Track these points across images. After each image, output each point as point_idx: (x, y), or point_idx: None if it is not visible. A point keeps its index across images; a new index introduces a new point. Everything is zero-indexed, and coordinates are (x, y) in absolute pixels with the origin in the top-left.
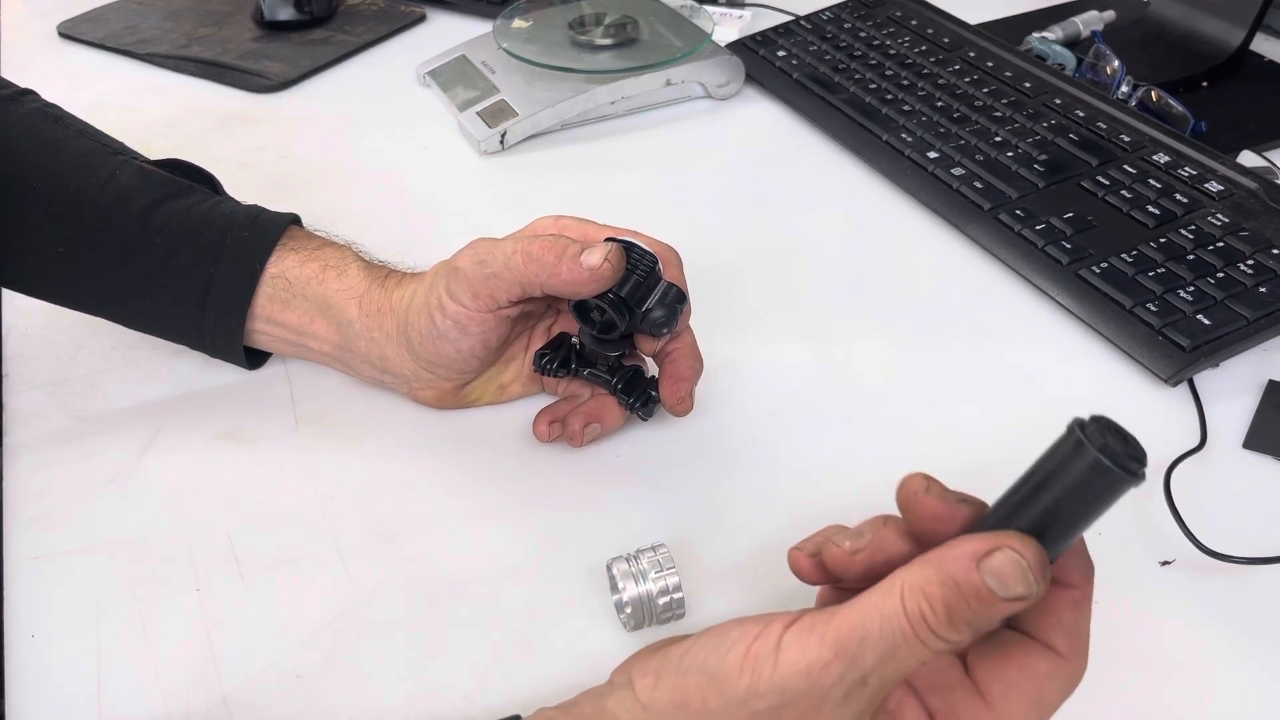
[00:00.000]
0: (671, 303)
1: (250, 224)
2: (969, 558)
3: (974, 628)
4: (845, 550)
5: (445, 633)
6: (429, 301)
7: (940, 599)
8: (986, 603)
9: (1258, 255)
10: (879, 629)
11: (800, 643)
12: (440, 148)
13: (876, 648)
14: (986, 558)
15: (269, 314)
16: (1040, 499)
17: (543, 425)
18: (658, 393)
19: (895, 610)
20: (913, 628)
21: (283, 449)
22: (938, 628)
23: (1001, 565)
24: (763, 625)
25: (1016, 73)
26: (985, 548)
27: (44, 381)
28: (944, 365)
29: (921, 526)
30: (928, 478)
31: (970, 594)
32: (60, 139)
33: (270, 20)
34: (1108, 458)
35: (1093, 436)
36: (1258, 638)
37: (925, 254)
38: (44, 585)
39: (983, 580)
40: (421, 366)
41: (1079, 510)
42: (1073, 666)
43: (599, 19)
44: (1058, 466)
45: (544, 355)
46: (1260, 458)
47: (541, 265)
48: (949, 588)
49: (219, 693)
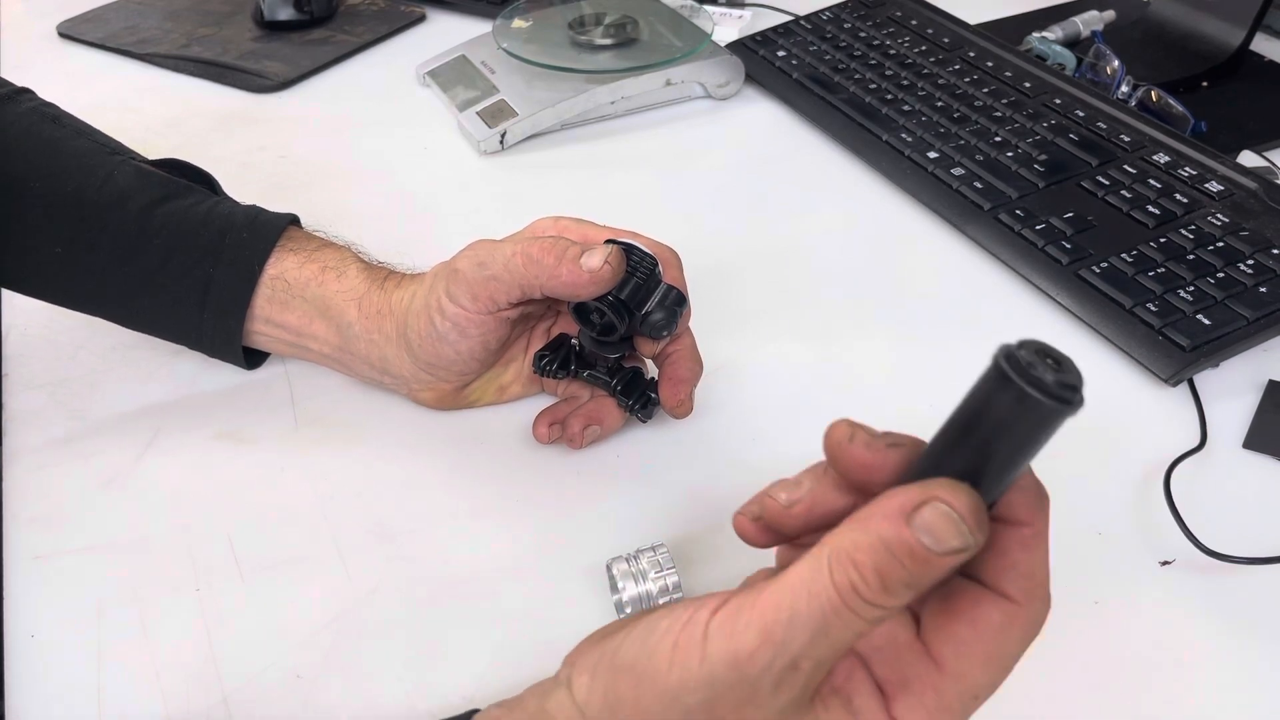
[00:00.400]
0: (671, 305)
1: (249, 225)
2: (897, 514)
3: (913, 589)
4: (781, 503)
5: (445, 633)
6: (428, 303)
7: (870, 565)
8: (922, 561)
9: (1258, 255)
10: (806, 607)
11: (725, 630)
12: (440, 148)
13: (806, 628)
14: (915, 512)
15: (268, 315)
16: (970, 439)
17: (542, 427)
18: (657, 394)
19: (824, 584)
20: (843, 600)
21: (283, 449)
22: (871, 596)
23: (932, 519)
24: (691, 611)
25: (1016, 73)
26: (913, 501)
27: (44, 381)
28: (944, 365)
29: (853, 477)
30: (852, 424)
31: (903, 554)
32: (58, 139)
33: (270, 20)
34: (1036, 389)
35: (1020, 366)
36: (1258, 638)
37: (925, 254)
38: (44, 585)
39: (915, 537)
40: (421, 368)
41: (1013, 447)
42: (1029, 612)
43: (599, 19)
44: (984, 402)
45: (543, 356)
46: (1260, 458)
47: (541, 267)
48: (878, 551)
49: (219, 693)
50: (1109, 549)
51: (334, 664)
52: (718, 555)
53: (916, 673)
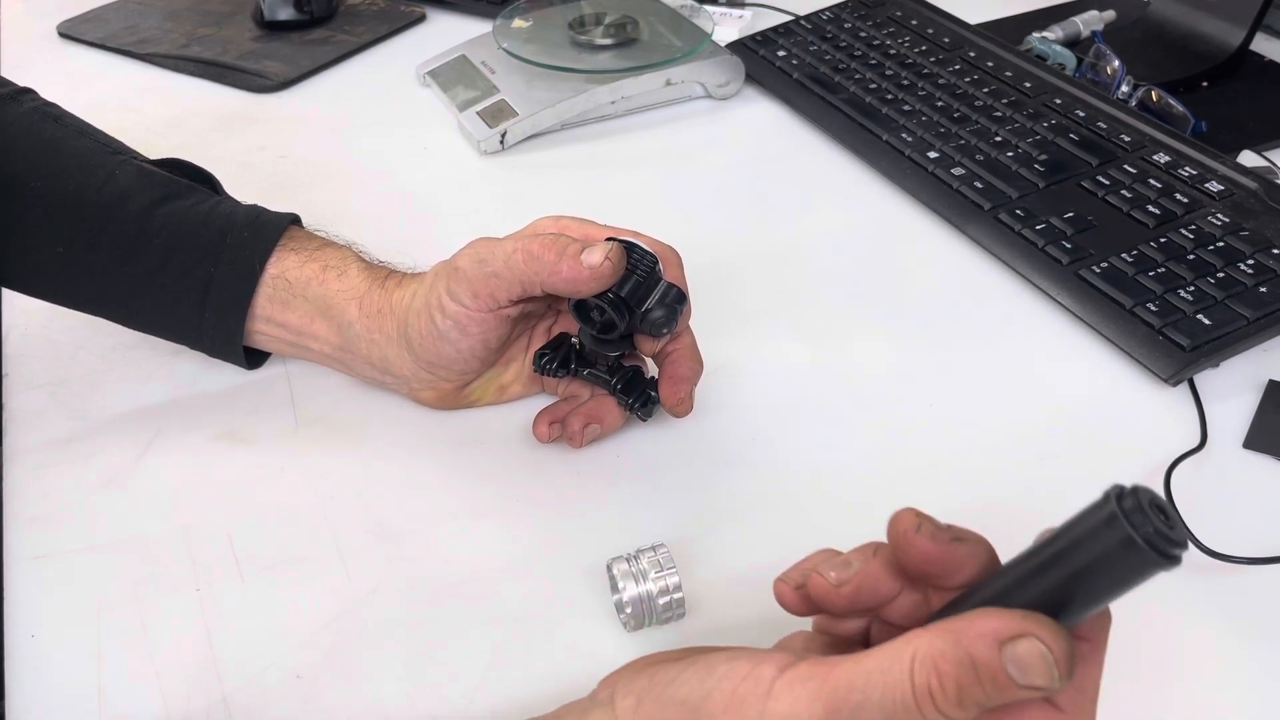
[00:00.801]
0: (671, 303)
1: (250, 224)
2: (992, 639)
3: (983, 708)
4: (830, 582)
5: (445, 633)
6: (429, 302)
7: (953, 677)
8: (1002, 688)
9: (1258, 255)
10: (880, 696)
11: (792, 694)
12: (440, 148)
13: (873, 716)
14: (1011, 643)
15: (269, 314)
16: (1063, 571)
17: (543, 426)
18: (657, 393)
19: (901, 680)
20: (917, 702)
21: (283, 449)
22: (945, 707)
23: (1026, 654)
24: (753, 665)
25: (1017, 73)
26: (1011, 630)
27: (44, 381)
28: (944, 365)
29: (914, 568)
30: (919, 515)
31: (987, 677)
32: (59, 138)
33: (270, 20)
34: (1144, 539)
35: (1130, 511)
36: (1258, 638)
37: (925, 254)
38: (44, 585)
39: (1003, 666)
40: (422, 367)
41: (1104, 589)
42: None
43: (599, 19)
44: (1088, 539)
45: (544, 355)
46: (1260, 458)
47: (542, 264)
48: (965, 667)
49: (219, 693)
50: None
51: (334, 664)
52: (718, 555)
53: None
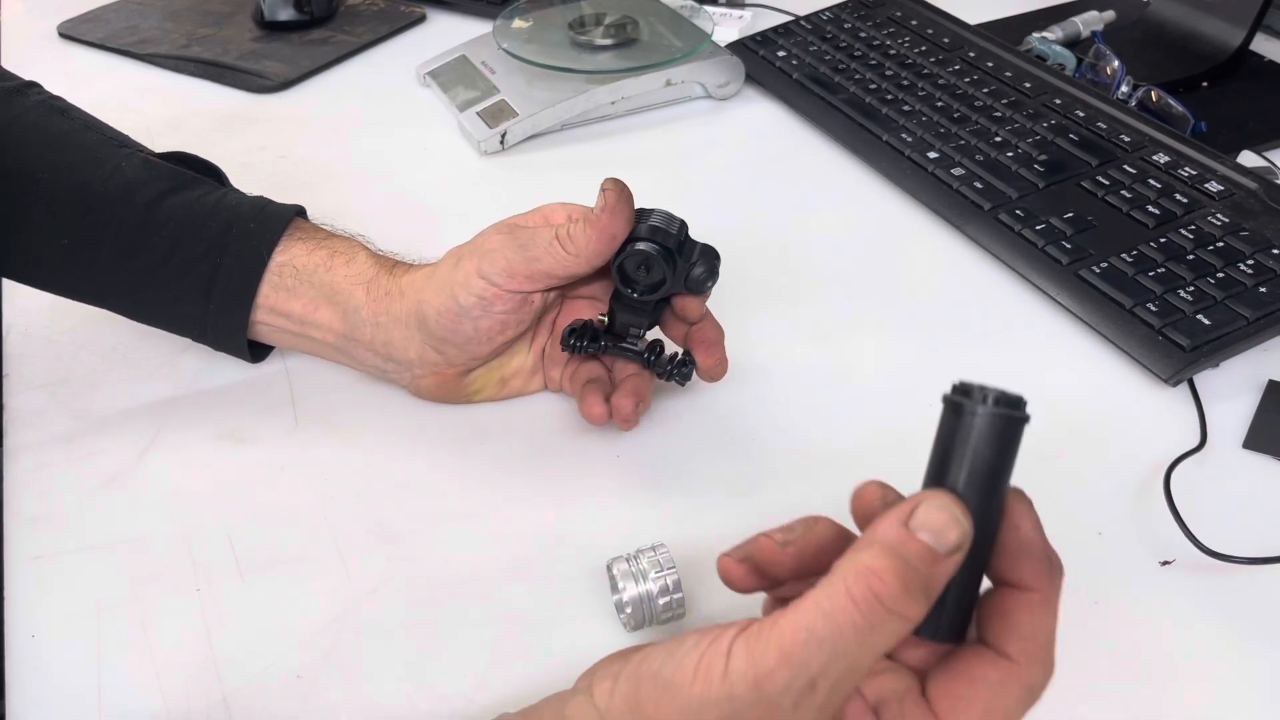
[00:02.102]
0: (710, 259)
1: (256, 215)
2: (896, 524)
3: (927, 595)
4: (776, 542)
5: (445, 633)
6: (453, 279)
7: (891, 570)
8: (929, 560)
9: (1258, 255)
10: (824, 626)
11: (747, 650)
12: (440, 148)
13: (823, 648)
14: (910, 519)
15: (273, 303)
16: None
17: (598, 407)
18: (689, 358)
19: (841, 603)
20: (863, 614)
21: (283, 449)
22: (892, 602)
23: (927, 518)
24: (717, 633)
25: (1016, 73)
26: (905, 510)
27: (44, 381)
28: (944, 365)
29: None
30: (884, 487)
31: (914, 556)
32: (66, 131)
33: (270, 20)
34: (989, 407)
35: (966, 397)
36: (1258, 638)
37: (925, 254)
38: (44, 585)
39: (919, 540)
40: (432, 346)
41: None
42: (1029, 674)
43: (599, 19)
44: (949, 435)
45: (571, 335)
46: (1260, 458)
47: (583, 239)
48: (890, 558)
49: (219, 693)
50: (1109, 549)
51: (334, 664)
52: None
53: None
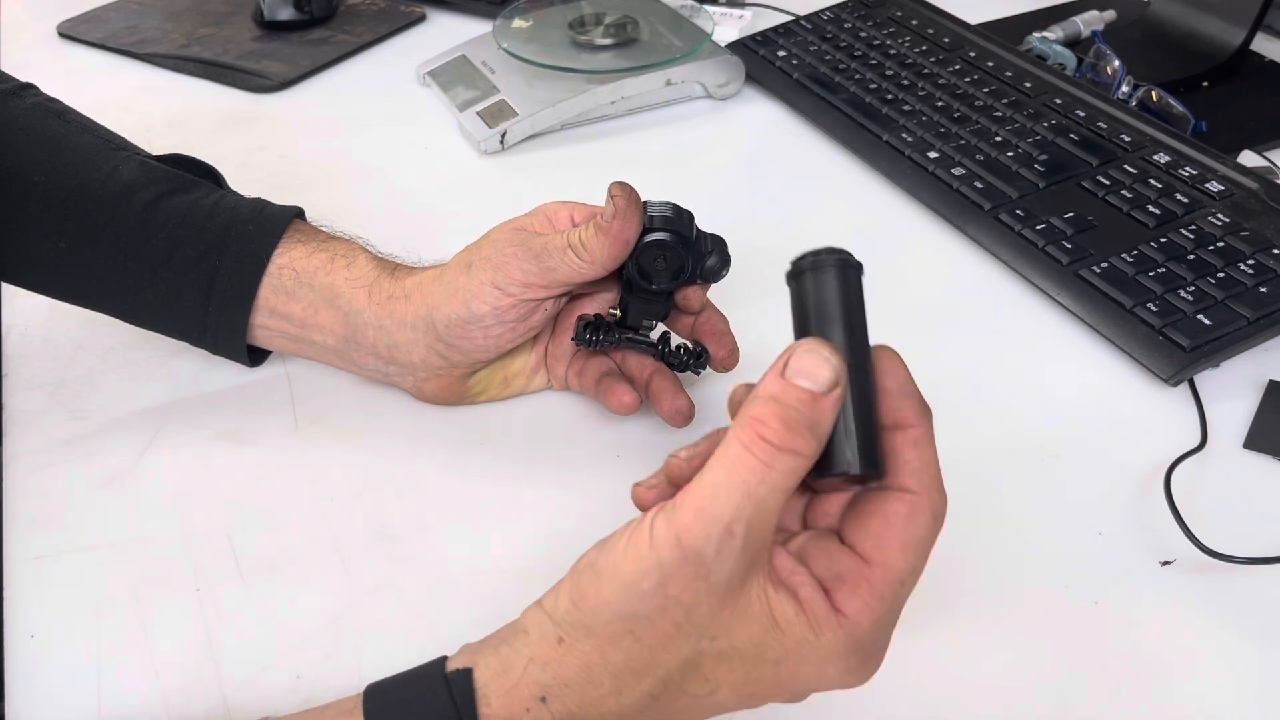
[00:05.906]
0: (722, 250)
1: (255, 217)
2: (775, 376)
3: (813, 431)
4: (682, 459)
5: (445, 633)
6: (465, 288)
7: (772, 414)
8: (811, 401)
9: (1258, 255)
10: (726, 476)
11: (665, 519)
12: (440, 148)
13: (731, 494)
14: (786, 370)
15: (273, 307)
16: (807, 328)
17: (627, 397)
18: (701, 348)
19: (735, 452)
20: (756, 456)
21: (283, 449)
22: (781, 439)
23: (799, 363)
24: (639, 517)
25: (1017, 73)
26: (780, 364)
27: (44, 381)
28: (944, 365)
29: None
30: (749, 386)
31: (795, 400)
32: (62, 134)
33: (270, 20)
34: (819, 262)
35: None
36: (1258, 638)
37: (925, 254)
38: (44, 585)
39: (797, 384)
40: (438, 352)
41: (835, 308)
42: (929, 500)
43: (599, 19)
44: (800, 300)
45: (586, 329)
46: (1260, 458)
47: (597, 245)
48: (774, 404)
49: (219, 693)
50: (1109, 549)
51: (334, 664)
52: None
53: (847, 567)
